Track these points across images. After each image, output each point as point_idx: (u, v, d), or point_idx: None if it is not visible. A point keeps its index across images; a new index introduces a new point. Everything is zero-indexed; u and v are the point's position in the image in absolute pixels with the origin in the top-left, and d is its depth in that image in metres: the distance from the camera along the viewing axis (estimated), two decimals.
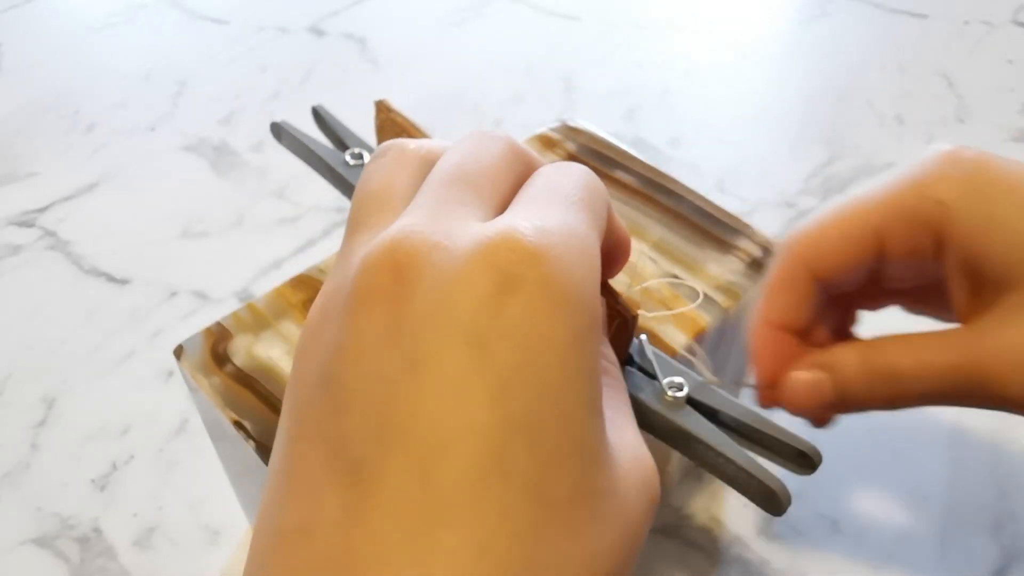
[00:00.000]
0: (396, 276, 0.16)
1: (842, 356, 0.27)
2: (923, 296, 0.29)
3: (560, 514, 0.15)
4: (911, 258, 0.26)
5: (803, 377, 0.27)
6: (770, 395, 0.28)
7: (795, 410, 0.27)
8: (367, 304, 0.16)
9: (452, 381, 0.15)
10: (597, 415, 0.16)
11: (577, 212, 0.17)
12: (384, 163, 0.19)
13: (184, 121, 0.59)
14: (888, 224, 0.25)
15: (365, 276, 0.16)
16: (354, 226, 0.18)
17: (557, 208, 0.17)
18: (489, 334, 0.15)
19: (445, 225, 0.16)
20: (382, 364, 0.15)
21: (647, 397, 0.23)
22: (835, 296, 0.28)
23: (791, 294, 0.27)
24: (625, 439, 0.18)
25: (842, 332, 0.30)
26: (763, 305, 0.28)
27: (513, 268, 0.15)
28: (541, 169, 0.19)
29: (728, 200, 0.51)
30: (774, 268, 0.27)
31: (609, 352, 0.21)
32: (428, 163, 0.19)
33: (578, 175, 0.19)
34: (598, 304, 0.16)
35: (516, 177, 0.19)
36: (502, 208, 0.18)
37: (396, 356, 0.15)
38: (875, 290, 0.29)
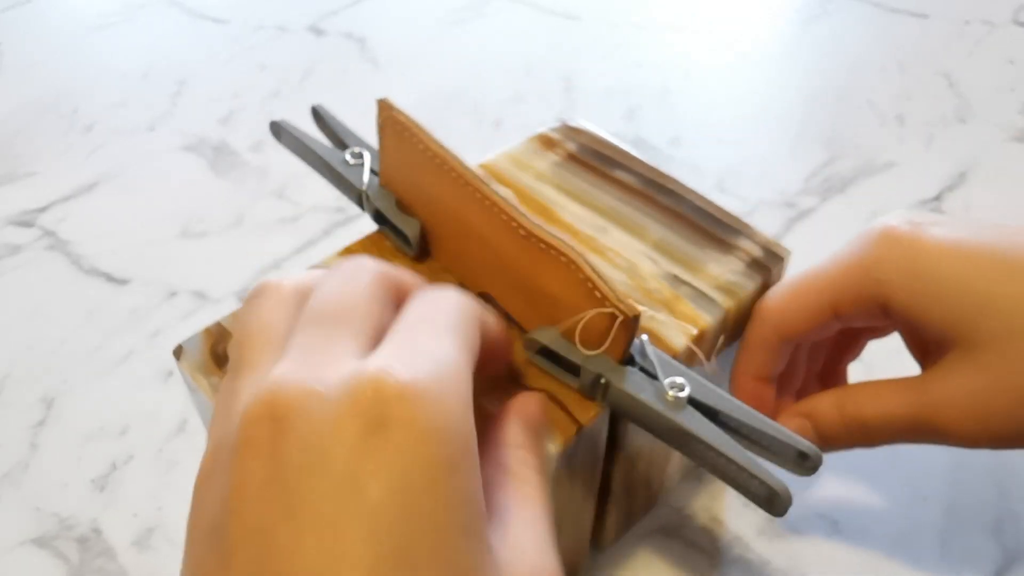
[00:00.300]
0: (273, 428, 0.16)
1: (820, 405, 0.31)
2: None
3: None
4: (866, 320, 0.29)
5: (788, 425, 0.31)
6: None
7: None
8: (247, 458, 0.16)
9: (327, 526, 0.15)
10: (474, 537, 0.17)
11: (445, 338, 0.19)
12: (260, 303, 0.20)
13: (183, 121, 0.59)
14: (839, 298, 0.29)
15: (246, 430, 0.17)
16: (236, 368, 0.19)
17: (425, 338, 0.18)
18: (361, 476, 0.15)
19: (318, 369, 0.17)
20: (262, 515, 0.16)
21: (649, 397, 0.23)
22: (842, 332, 0.32)
23: (763, 352, 0.30)
24: (525, 553, 0.19)
25: (835, 370, 0.35)
26: (740, 361, 0.31)
27: (380, 409, 0.16)
28: (414, 297, 0.21)
29: (728, 200, 0.51)
30: (748, 330, 0.31)
31: (531, 458, 0.22)
32: (305, 297, 0.20)
33: (448, 303, 0.20)
34: (470, 428, 0.17)
35: (387, 305, 0.20)
36: (379, 336, 0.19)
37: (274, 506, 0.16)
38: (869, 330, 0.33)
